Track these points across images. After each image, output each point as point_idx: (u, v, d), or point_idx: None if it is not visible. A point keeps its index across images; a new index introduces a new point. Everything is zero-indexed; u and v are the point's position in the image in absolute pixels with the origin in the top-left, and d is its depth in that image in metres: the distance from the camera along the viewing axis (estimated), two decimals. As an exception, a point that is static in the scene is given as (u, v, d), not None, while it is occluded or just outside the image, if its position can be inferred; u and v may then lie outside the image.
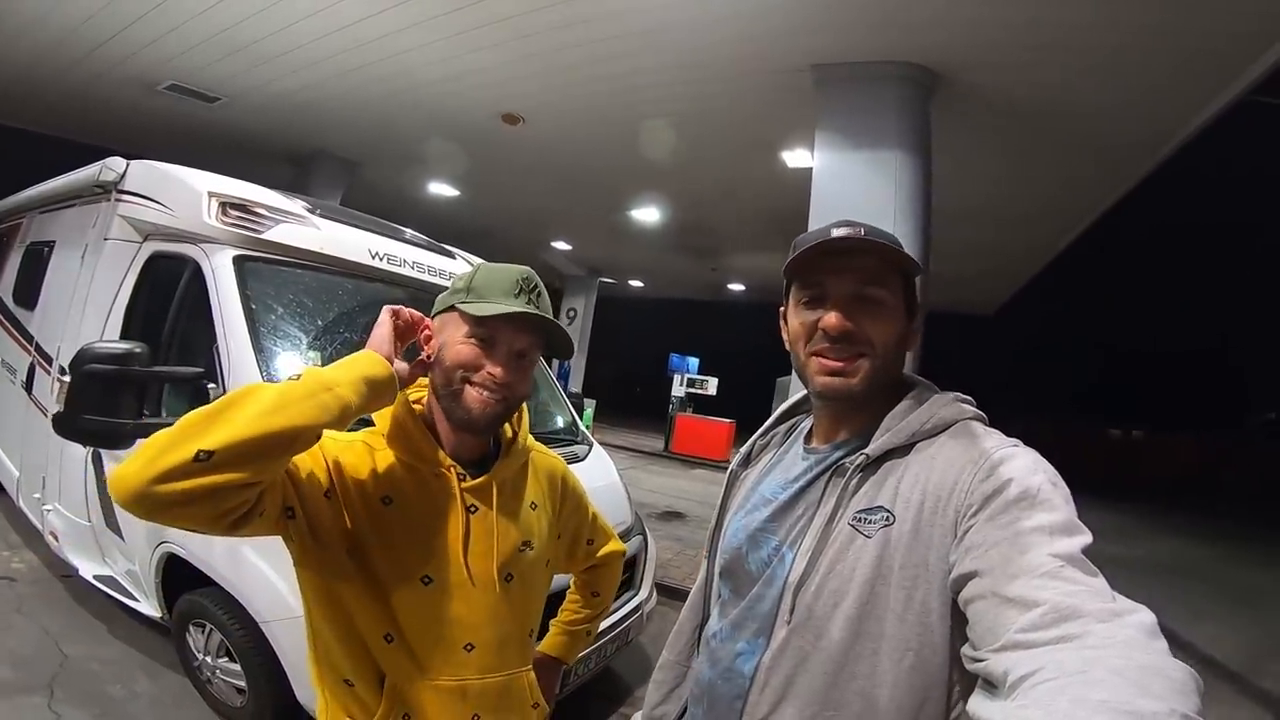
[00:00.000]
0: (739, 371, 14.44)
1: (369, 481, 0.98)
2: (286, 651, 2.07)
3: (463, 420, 1.00)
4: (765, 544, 0.92)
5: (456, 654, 1.00)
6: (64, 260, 3.48)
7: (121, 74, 6.52)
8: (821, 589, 0.82)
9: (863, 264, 0.87)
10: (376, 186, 9.39)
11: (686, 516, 7.43)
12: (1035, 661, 0.56)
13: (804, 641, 0.82)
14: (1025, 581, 0.63)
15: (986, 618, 0.65)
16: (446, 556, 0.99)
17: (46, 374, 3.27)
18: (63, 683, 2.56)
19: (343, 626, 0.97)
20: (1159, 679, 0.51)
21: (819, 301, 0.89)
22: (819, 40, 4.38)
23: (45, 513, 3.03)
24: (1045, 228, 7.73)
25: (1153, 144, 5.32)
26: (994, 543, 0.69)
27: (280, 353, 2.35)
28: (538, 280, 1.04)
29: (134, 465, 0.73)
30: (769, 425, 1.11)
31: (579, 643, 1.41)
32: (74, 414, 1.93)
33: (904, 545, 0.78)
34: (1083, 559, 0.66)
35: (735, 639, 0.91)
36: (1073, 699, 0.50)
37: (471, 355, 0.98)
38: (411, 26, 4.90)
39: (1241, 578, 7.20)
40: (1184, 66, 4.10)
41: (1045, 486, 0.72)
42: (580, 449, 3.13)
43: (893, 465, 0.84)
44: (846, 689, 0.78)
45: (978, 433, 0.84)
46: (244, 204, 2.52)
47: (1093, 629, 0.57)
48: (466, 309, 0.98)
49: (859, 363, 0.86)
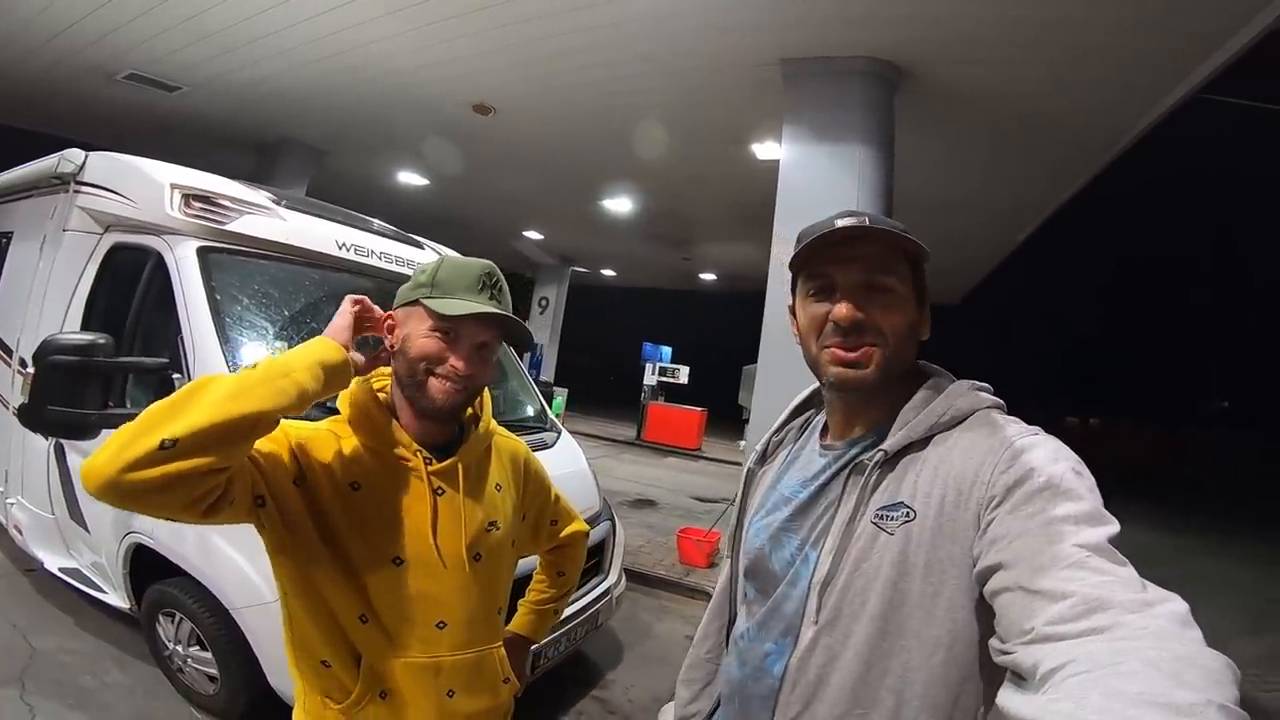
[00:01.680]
0: (710, 360, 14.56)
1: (337, 468, 1.02)
2: (258, 638, 2.10)
3: (427, 409, 1.03)
4: (788, 543, 0.92)
5: (429, 632, 1.04)
6: (22, 252, 3.42)
7: (79, 63, 6.35)
8: (848, 588, 0.81)
9: (868, 252, 0.86)
10: (344, 175, 9.24)
11: (658, 504, 7.53)
12: (1066, 654, 0.55)
13: (832, 640, 0.82)
14: (1053, 573, 0.62)
15: (1014, 610, 0.64)
16: (416, 538, 1.03)
17: (6, 366, 3.21)
18: (34, 675, 2.56)
19: (318, 610, 1.01)
20: (1194, 669, 0.50)
21: (826, 293, 0.88)
22: (789, 35, 4.44)
23: (8, 506, 3.01)
24: (1007, 218, 7.94)
25: (1109, 138, 5.49)
26: (1018, 534, 0.68)
27: (246, 343, 2.36)
28: (499, 275, 1.08)
29: (103, 456, 0.77)
30: (783, 421, 1.09)
31: (547, 621, 1.47)
32: (39, 405, 1.92)
33: (927, 541, 0.77)
34: (1110, 548, 0.64)
35: (763, 639, 0.91)
36: (1106, 692, 0.49)
37: (435, 348, 1.02)
38: (383, 16, 4.85)
39: (1196, 566, 7.34)
40: (1140, 63, 4.24)
41: (1069, 475, 0.71)
42: (549, 436, 3.18)
43: (911, 460, 0.83)
44: (878, 686, 0.78)
45: (997, 422, 0.82)
46: (208, 196, 2.51)
47: (1124, 620, 0.56)
48: (431, 305, 1.01)
49: (871, 352, 0.85)
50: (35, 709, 2.37)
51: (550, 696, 2.98)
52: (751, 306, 4.92)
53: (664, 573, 4.90)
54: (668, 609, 4.49)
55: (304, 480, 0.99)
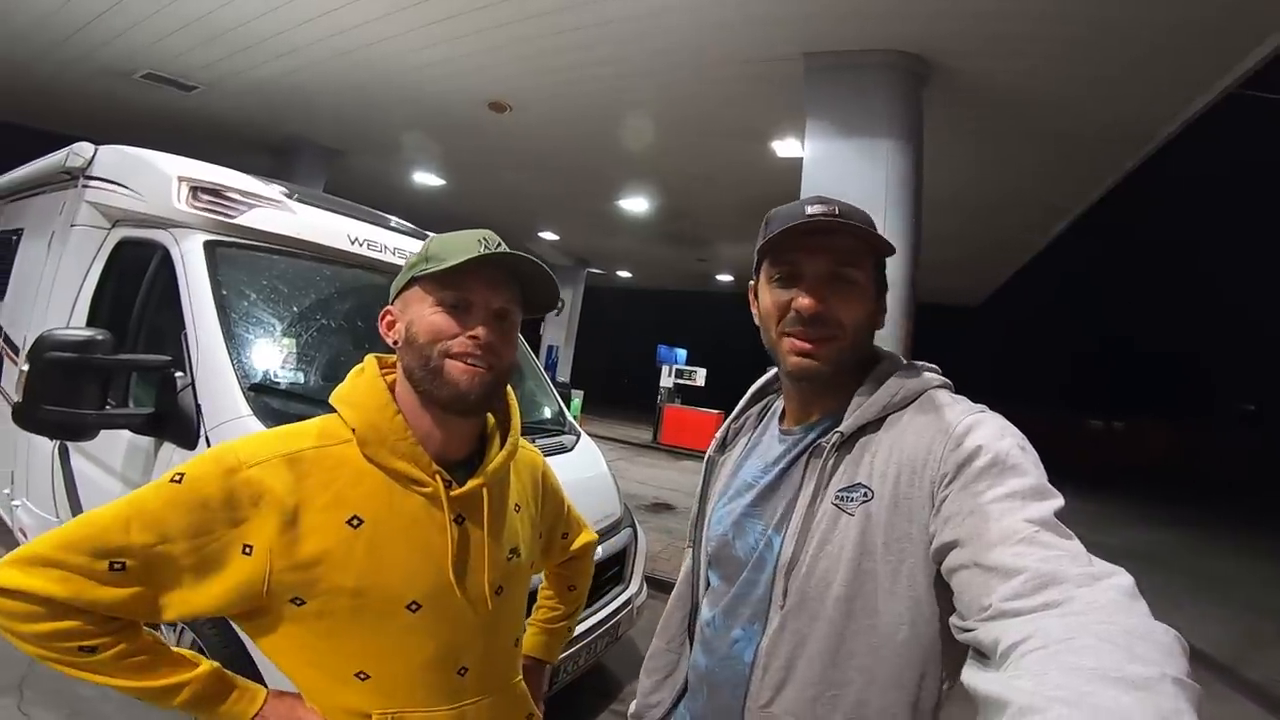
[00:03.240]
0: (727, 362, 14.40)
1: (331, 505, 0.85)
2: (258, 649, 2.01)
3: (451, 398, 0.87)
4: (751, 529, 0.92)
5: (450, 680, 0.90)
6: (31, 248, 3.38)
7: (95, 63, 6.35)
8: (812, 570, 0.82)
9: (839, 244, 0.86)
10: (360, 175, 9.23)
11: (675, 508, 7.40)
12: (1023, 630, 0.56)
13: (800, 624, 0.82)
14: (1003, 549, 0.64)
15: (971, 588, 0.65)
16: (434, 576, 0.87)
17: (14, 364, 3.17)
18: (32, 684, 2.50)
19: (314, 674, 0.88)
20: (1145, 642, 0.51)
21: (792, 280, 0.88)
22: (812, 28, 4.33)
23: (14, 509, 2.94)
24: (1035, 218, 7.74)
25: (1138, 138, 5.33)
26: (969, 511, 0.70)
27: (252, 339, 2.26)
28: (500, 240, 0.91)
29: None
30: (741, 407, 1.10)
31: (560, 639, 1.33)
32: (34, 404, 1.84)
33: (884, 520, 0.78)
34: (1056, 522, 0.66)
35: (730, 626, 0.91)
36: (1062, 667, 0.50)
37: (445, 323, 0.87)
38: (396, 12, 4.79)
39: (1213, 567, 7.29)
40: (1174, 60, 4.09)
41: (1014, 451, 0.73)
42: (568, 439, 3.07)
43: (867, 441, 0.84)
44: (847, 667, 0.79)
45: (944, 401, 0.84)
46: (215, 188, 2.43)
47: (1074, 594, 0.57)
48: (429, 272, 0.87)
49: (829, 345, 0.87)
50: (32, 718, 2.34)
51: (568, 710, 2.87)
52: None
53: (683, 579, 4.77)
54: (687, 617, 4.37)
55: (270, 552, 0.82)
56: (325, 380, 2.46)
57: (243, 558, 0.81)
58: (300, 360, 2.41)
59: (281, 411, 2.10)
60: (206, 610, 0.82)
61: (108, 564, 0.76)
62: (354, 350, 2.68)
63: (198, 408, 2.04)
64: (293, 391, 2.28)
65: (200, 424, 2.02)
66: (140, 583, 0.78)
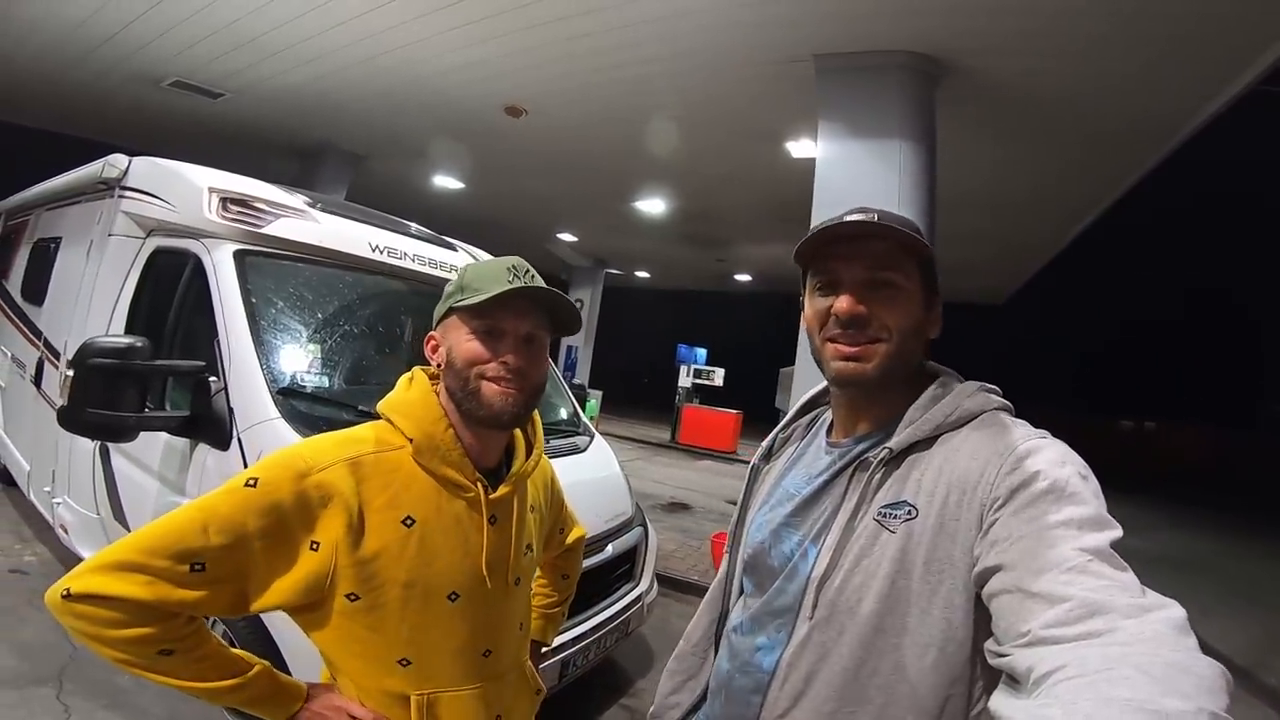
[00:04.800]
0: (746, 362, 14.42)
1: (388, 506, 0.95)
2: (286, 641, 2.06)
3: (487, 417, 0.98)
4: (788, 539, 0.91)
5: (477, 661, 1.02)
6: (70, 256, 3.52)
7: (125, 71, 6.56)
8: (845, 585, 0.81)
9: (874, 249, 0.85)
10: (382, 179, 9.40)
11: (691, 508, 7.44)
12: (1059, 658, 0.55)
13: (825, 637, 0.81)
14: (1052, 576, 0.62)
15: (1011, 613, 0.63)
16: (471, 569, 0.99)
17: (55, 368, 3.31)
18: (72, 675, 2.58)
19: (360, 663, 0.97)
20: (1186, 676, 0.49)
21: (832, 288, 0.88)
22: (823, 29, 4.34)
23: (55, 506, 3.06)
24: (1055, 216, 7.66)
25: (1160, 133, 5.25)
26: (1020, 536, 0.67)
27: (281, 345, 2.36)
28: (529, 266, 1.03)
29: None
30: (790, 418, 1.09)
31: (556, 624, 1.48)
32: (78, 408, 1.95)
33: (928, 539, 0.76)
34: (1111, 553, 0.64)
35: (756, 633, 0.91)
36: (1095, 698, 0.49)
37: (480, 349, 0.98)
38: (415, 19, 4.90)
39: (1249, 572, 7.14)
40: (1192, 55, 4.04)
41: (1074, 479, 0.70)
42: (581, 440, 3.14)
43: (916, 458, 0.82)
44: (868, 685, 0.78)
45: (1004, 424, 0.81)
46: (244, 199, 2.53)
47: (1120, 625, 0.55)
48: (463, 304, 0.98)
49: (874, 348, 0.85)
50: (71, 709, 2.39)
51: (578, 704, 2.93)
52: (788, 307, 4.78)
53: (697, 578, 4.82)
54: (701, 616, 4.41)
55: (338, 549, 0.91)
56: (348, 384, 2.56)
57: (310, 554, 0.89)
58: (324, 365, 2.51)
59: (307, 414, 2.19)
60: (277, 604, 0.89)
61: (189, 566, 0.82)
62: (375, 355, 2.78)
63: (230, 411, 2.14)
64: (318, 395, 2.38)
65: (233, 426, 2.12)
66: (218, 582, 0.85)
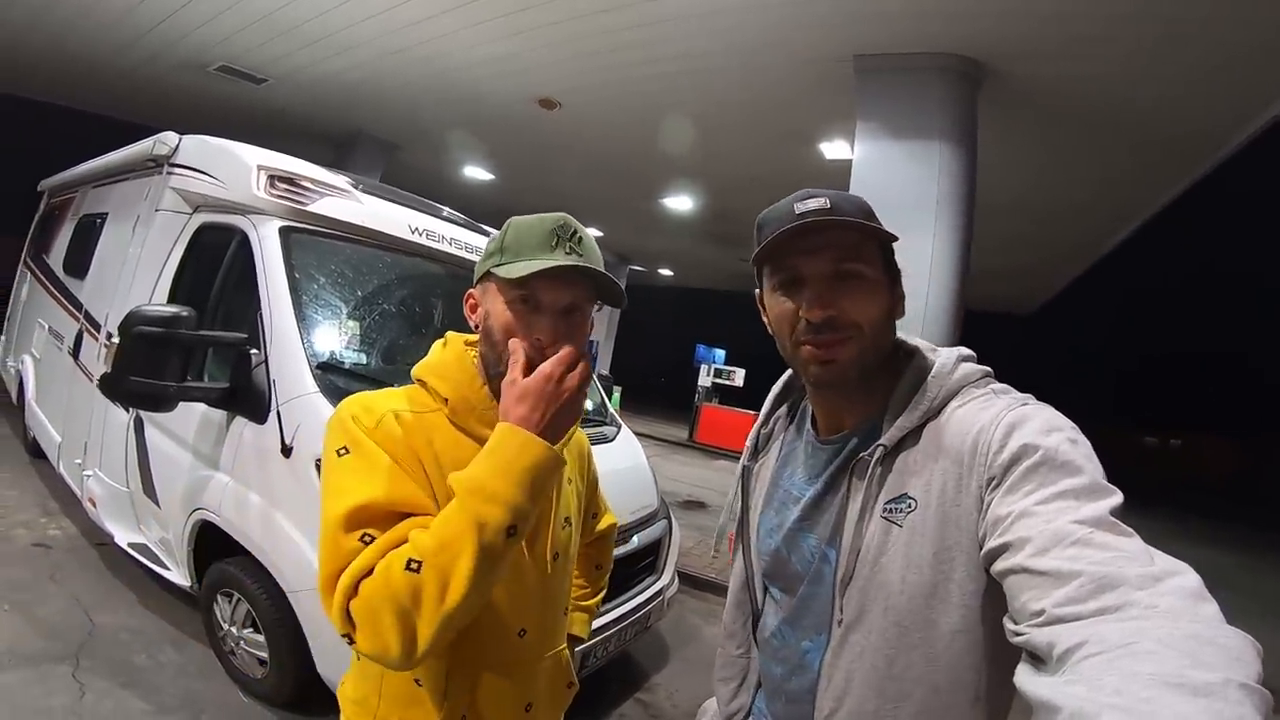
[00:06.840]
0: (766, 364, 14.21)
1: (434, 461, 0.91)
2: (311, 623, 2.08)
3: None
4: (804, 543, 0.91)
5: (512, 640, 0.97)
6: (115, 231, 3.60)
7: (174, 56, 6.70)
8: (869, 585, 0.80)
9: (836, 239, 0.81)
10: (413, 169, 9.48)
11: (708, 506, 7.43)
12: (1078, 635, 0.54)
13: (859, 637, 0.81)
14: (1057, 553, 0.60)
15: (1024, 592, 0.62)
16: None
17: (94, 340, 3.38)
18: (89, 652, 2.56)
19: None
20: (1210, 646, 0.48)
21: (794, 285, 0.83)
22: (864, 30, 4.30)
23: (85, 478, 3.10)
24: (1094, 224, 7.49)
25: (1210, 143, 5.11)
26: (1020, 514, 0.66)
27: (321, 321, 2.39)
28: (576, 226, 0.94)
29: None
30: (767, 412, 1.08)
31: (590, 618, 1.41)
32: (121, 375, 1.98)
33: (932, 530, 0.76)
34: (1113, 521, 0.62)
35: (799, 638, 0.90)
36: (1120, 673, 0.48)
37: (516, 321, 0.90)
38: (452, 10, 4.94)
39: (1274, 588, 6.98)
40: (1248, 65, 3.93)
41: (1064, 446, 0.69)
42: (609, 430, 3.15)
43: (910, 449, 0.81)
44: (904, 680, 0.77)
45: (986, 395, 0.80)
46: (291, 177, 2.57)
47: (1133, 598, 0.54)
48: (500, 272, 0.89)
49: (849, 346, 0.82)
50: (86, 686, 2.35)
51: (593, 697, 2.90)
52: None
53: (714, 575, 4.80)
54: (715, 613, 4.38)
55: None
56: (384, 362, 2.59)
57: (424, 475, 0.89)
58: (362, 343, 2.53)
59: (344, 390, 2.21)
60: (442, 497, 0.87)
61: (360, 535, 0.80)
62: (411, 335, 2.80)
63: (270, 383, 2.17)
64: (354, 372, 2.41)
65: (272, 398, 2.15)
66: (398, 516, 0.83)
